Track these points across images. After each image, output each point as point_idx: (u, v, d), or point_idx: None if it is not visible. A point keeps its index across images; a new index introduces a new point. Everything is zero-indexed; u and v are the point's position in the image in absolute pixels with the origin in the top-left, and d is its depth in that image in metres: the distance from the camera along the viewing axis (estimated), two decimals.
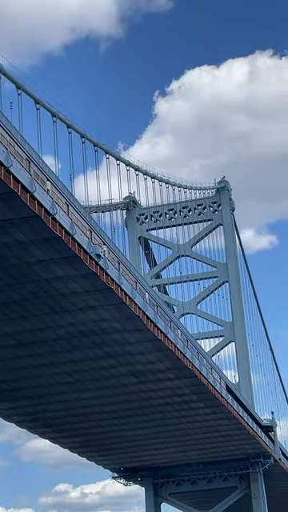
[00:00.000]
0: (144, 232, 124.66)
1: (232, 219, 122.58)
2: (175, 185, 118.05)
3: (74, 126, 75.00)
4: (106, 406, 78.68)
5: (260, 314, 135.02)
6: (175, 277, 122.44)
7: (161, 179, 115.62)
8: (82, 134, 78.74)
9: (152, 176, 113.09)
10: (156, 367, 69.73)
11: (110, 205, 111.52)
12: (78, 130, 78.08)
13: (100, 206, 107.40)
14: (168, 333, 65.62)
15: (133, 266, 62.66)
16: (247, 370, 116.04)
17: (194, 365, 72.64)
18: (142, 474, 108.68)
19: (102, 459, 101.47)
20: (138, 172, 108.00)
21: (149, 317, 60.81)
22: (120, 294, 55.13)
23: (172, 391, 76.51)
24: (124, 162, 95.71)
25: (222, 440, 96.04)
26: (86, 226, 52.38)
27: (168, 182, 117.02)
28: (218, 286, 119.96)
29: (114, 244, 58.87)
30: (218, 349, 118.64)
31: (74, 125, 74.53)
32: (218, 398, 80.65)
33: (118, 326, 60.06)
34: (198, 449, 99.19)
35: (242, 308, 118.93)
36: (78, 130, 77.86)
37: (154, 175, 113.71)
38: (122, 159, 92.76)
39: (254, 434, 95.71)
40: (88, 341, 62.27)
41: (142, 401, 78.15)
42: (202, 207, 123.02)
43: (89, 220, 53.45)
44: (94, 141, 76.69)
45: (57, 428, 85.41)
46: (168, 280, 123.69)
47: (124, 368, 69.15)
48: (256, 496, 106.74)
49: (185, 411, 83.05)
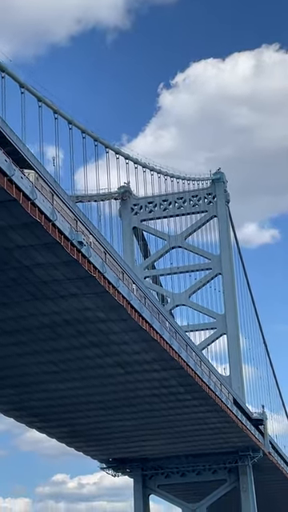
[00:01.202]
0: (138, 222, 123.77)
1: (227, 211, 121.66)
2: (168, 175, 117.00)
3: (61, 111, 74.42)
4: (93, 396, 78.10)
5: (254, 307, 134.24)
6: (168, 268, 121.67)
7: (154, 169, 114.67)
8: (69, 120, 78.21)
9: (144, 165, 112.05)
10: (142, 358, 69.10)
11: (103, 194, 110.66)
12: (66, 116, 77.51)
13: (93, 195, 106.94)
14: (154, 323, 64.93)
15: (120, 256, 61.89)
16: (239, 362, 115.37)
17: (180, 356, 71.99)
18: (130, 466, 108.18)
19: (90, 450, 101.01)
20: (131, 162, 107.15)
21: (133, 306, 60.09)
22: (103, 282, 54.41)
23: (159, 382, 75.88)
24: (116, 150, 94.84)
25: (211, 432, 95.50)
26: (71, 215, 51.71)
27: (160, 172, 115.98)
28: (212, 278, 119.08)
29: (99, 233, 58.12)
30: (209, 341, 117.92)
31: (61, 111, 73.98)
32: (205, 390, 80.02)
33: (103, 316, 59.38)
34: (187, 441, 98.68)
35: (234, 301, 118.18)
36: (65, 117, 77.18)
37: (148, 165, 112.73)
38: (114, 148, 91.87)
39: (243, 427, 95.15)
40: (72, 329, 61.61)
41: (129, 391, 77.54)
42: (197, 198, 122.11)
43: (73, 208, 52.71)
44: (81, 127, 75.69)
45: (43, 418, 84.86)
46: (161, 271, 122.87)
47: (110, 358, 68.52)
48: (245, 489, 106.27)
49: (172, 403, 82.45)
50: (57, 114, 64.58)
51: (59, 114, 65.44)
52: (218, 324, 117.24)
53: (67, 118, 69.43)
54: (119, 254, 61.52)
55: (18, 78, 61.20)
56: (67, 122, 70.03)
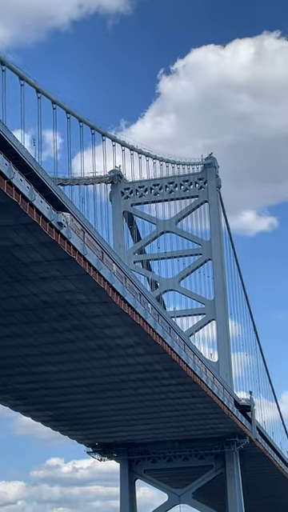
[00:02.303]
0: (129, 207, 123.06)
1: (218, 196, 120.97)
2: (157, 158, 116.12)
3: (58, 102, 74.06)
4: (77, 380, 77.56)
5: (245, 294, 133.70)
6: (159, 253, 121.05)
7: (142, 152, 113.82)
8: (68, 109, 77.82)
9: (131, 148, 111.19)
10: (125, 342, 68.46)
11: (93, 177, 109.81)
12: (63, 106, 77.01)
13: (83, 178, 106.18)
14: (137, 307, 64.26)
15: (100, 235, 61.04)
16: (227, 349, 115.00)
17: (165, 341, 71.38)
18: (117, 450, 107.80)
19: (75, 434, 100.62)
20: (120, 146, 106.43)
21: (115, 289, 59.39)
22: (83, 264, 53.69)
23: (143, 367, 75.28)
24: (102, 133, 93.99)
25: (197, 418, 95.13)
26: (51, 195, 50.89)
27: (149, 155, 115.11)
28: (202, 263, 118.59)
29: (80, 213, 57.27)
30: (198, 327, 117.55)
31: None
32: (190, 376, 79.49)
33: (84, 298, 58.66)
34: (174, 426, 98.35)
35: (224, 286, 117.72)
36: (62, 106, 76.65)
37: (136, 148, 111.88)
38: (100, 131, 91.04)
39: (229, 413, 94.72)
40: (54, 312, 60.92)
41: (113, 376, 77.00)
42: (188, 183, 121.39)
43: (54, 187, 51.87)
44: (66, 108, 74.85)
45: (27, 401, 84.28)
46: (151, 256, 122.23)
47: (93, 342, 67.88)
48: (231, 475, 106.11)
49: (157, 388, 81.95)
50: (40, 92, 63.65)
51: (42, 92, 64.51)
52: (207, 310, 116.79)
53: (51, 98, 68.61)
54: (99, 233, 60.41)
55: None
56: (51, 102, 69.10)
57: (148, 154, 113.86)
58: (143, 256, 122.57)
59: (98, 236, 59.66)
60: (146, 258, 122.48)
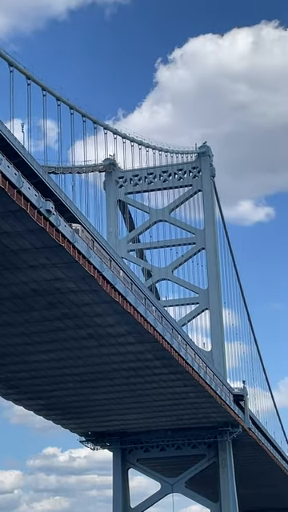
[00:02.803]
0: (122, 195, 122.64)
1: (212, 185, 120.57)
2: (150, 146, 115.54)
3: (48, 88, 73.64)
4: (68, 369, 77.31)
5: (239, 283, 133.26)
6: (152, 242, 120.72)
7: (134, 140, 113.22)
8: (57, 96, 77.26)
9: (124, 136, 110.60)
10: (115, 330, 68.17)
11: (87, 166, 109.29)
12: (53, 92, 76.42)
13: (76, 166, 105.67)
14: (127, 295, 63.96)
15: (89, 222, 60.64)
16: (221, 338, 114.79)
17: (156, 329, 71.11)
18: (110, 439, 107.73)
19: (68, 423, 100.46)
20: (115, 135, 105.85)
21: (105, 277, 59.06)
22: (72, 252, 53.35)
23: (134, 356, 75.03)
24: (93, 120, 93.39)
25: (190, 407, 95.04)
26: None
27: (142, 144, 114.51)
28: (195, 252, 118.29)
29: (70, 200, 56.88)
30: (192, 316, 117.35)
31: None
32: (182, 365, 79.28)
33: (73, 286, 58.32)
34: (166, 415, 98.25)
35: (218, 276, 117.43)
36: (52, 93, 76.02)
37: (128, 136, 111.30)
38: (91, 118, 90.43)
39: (222, 402, 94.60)
40: (43, 301, 60.60)
41: (105, 365, 76.75)
42: (182, 172, 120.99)
43: (43, 175, 51.50)
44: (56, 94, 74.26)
45: (19, 390, 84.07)
46: (145, 245, 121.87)
47: (83, 330, 67.59)
48: (224, 465, 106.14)
49: (149, 377, 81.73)
50: (30, 79, 63.11)
51: (32, 79, 63.94)
52: (200, 299, 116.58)
53: (40, 85, 68.07)
54: (89, 220, 60.01)
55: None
56: (41, 89, 68.55)
57: (141, 143, 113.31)
58: (137, 245, 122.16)
59: (88, 224, 59.26)
60: (139, 247, 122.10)
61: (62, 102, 73.96)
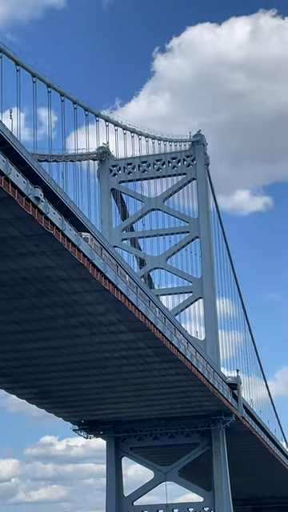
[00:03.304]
0: (116, 184, 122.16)
1: (206, 174, 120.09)
2: (142, 134, 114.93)
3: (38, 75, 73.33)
4: (60, 357, 77.10)
5: (233, 272, 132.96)
6: (146, 231, 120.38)
7: (126, 127, 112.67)
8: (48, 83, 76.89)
9: (116, 124, 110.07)
10: (107, 319, 67.97)
11: (80, 154, 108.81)
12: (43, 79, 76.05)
13: (69, 155, 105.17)
14: (118, 283, 63.70)
15: (81, 211, 60.27)
16: (214, 327, 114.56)
17: (147, 318, 70.88)
18: (103, 428, 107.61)
19: (60, 411, 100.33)
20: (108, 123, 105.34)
21: (95, 265, 58.77)
22: (61, 240, 53.04)
23: (126, 344, 74.85)
24: (90, 110, 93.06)
25: (183, 396, 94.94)
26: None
27: (134, 131, 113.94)
28: (189, 241, 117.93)
29: (60, 188, 56.44)
30: (186, 305, 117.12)
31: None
32: (174, 353, 79.09)
33: (64, 274, 58.10)
34: (159, 404, 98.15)
35: (212, 264, 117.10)
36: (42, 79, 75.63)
37: (125, 126, 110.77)
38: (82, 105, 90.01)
39: (215, 391, 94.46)
40: (34, 288, 60.36)
41: (96, 353, 76.58)
42: (176, 161, 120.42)
43: (31, 161, 51.07)
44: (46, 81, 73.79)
45: (11, 378, 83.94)
46: (139, 234, 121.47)
47: (74, 319, 67.40)
48: (217, 453, 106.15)
49: (141, 365, 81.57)
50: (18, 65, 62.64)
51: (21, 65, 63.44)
52: (194, 288, 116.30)
53: (30, 71, 67.61)
54: (78, 207, 59.62)
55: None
56: (31, 76, 68.11)
57: (133, 131, 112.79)
58: (130, 234, 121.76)
59: (78, 211, 58.85)
60: (133, 236, 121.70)
61: (52, 88, 73.48)
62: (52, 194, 53.32)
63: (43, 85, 73.53)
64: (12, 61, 61.76)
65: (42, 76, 70.19)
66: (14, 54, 61.47)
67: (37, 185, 50.00)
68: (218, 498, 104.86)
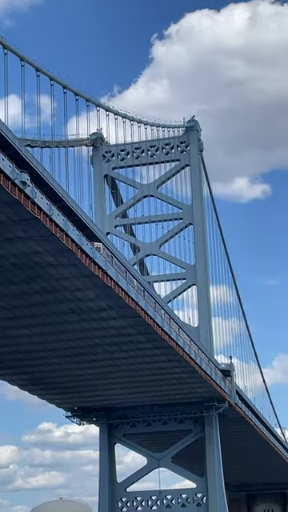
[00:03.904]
0: (110, 170, 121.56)
1: (200, 160, 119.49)
2: (137, 121, 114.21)
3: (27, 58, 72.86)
4: (51, 344, 76.87)
5: (227, 259, 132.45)
6: (140, 217, 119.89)
7: (124, 115, 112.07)
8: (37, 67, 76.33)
9: (107, 109, 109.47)
10: (97, 305, 67.67)
11: (73, 140, 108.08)
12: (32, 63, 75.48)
13: (61, 141, 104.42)
14: (108, 269, 63.36)
15: (70, 196, 59.77)
16: (208, 313, 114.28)
17: (138, 304, 70.59)
18: (96, 414, 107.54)
19: (53, 398, 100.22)
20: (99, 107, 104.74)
21: (84, 251, 58.40)
22: (49, 225, 52.65)
23: (116, 331, 74.61)
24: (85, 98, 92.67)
25: (175, 382, 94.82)
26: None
27: (126, 116, 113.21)
28: (182, 227, 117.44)
29: (48, 173, 55.93)
30: (179, 291, 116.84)
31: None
32: (165, 340, 78.86)
33: (52, 260, 57.77)
34: (152, 391, 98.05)
35: (205, 251, 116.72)
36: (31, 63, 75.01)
37: (116, 111, 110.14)
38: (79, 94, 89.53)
39: (207, 377, 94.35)
40: (23, 274, 60.04)
41: (87, 340, 76.35)
42: (170, 147, 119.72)
43: (18, 146, 50.58)
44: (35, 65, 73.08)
45: (3, 365, 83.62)
46: (132, 220, 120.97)
47: (64, 305, 67.11)
48: (210, 439, 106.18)
49: (133, 352, 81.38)
50: (6, 49, 61.96)
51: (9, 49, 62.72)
52: (187, 274, 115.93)
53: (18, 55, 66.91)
54: (69, 195, 59.15)
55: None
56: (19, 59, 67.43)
57: (125, 116, 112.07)
58: (124, 220, 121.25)
59: (67, 196, 58.30)
60: (126, 223, 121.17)
61: (41, 72, 72.81)
62: (40, 179, 52.88)
63: (33, 69, 72.82)
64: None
65: (30, 60, 69.45)
66: (1, 38, 61.01)
67: (23, 169, 49.57)
68: (210, 484, 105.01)
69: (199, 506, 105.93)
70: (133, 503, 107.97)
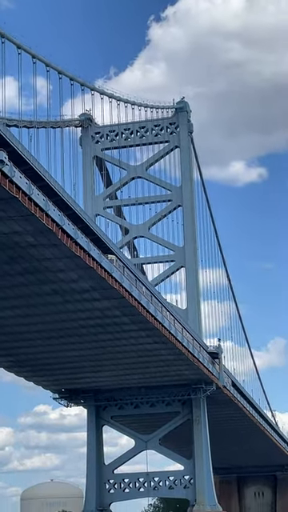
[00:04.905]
0: (99, 151, 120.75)
1: (190, 142, 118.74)
2: (124, 101, 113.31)
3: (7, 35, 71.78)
4: (35, 325, 76.33)
5: (218, 242, 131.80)
6: (129, 199, 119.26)
7: (110, 95, 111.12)
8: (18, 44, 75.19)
9: (96, 91, 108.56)
10: (80, 286, 67.10)
11: (62, 121, 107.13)
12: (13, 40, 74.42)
13: (50, 121, 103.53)
14: (90, 250, 62.76)
15: (52, 176, 59.05)
16: (196, 296, 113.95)
17: (122, 285, 70.04)
18: (83, 396, 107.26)
19: (40, 380, 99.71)
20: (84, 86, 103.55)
21: (65, 231, 57.77)
22: (28, 204, 51.98)
23: (101, 312, 74.08)
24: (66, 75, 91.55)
25: (162, 365, 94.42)
26: None
27: (113, 96, 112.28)
28: (171, 210, 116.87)
29: (27, 151, 55.20)
30: (168, 274, 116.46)
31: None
32: (151, 322, 78.40)
33: (32, 240, 57.16)
34: (139, 373, 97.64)
35: (194, 233, 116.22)
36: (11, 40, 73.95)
37: (102, 90, 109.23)
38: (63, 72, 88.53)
39: (194, 359, 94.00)
40: (4, 255, 59.46)
41: (72, 321, 75.82)
42: (160, 128, 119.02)
43: None
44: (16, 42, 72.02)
45: None
46: (121, 202, 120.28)
47: (47, 286, 66.54)
48: (197, 422, 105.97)
49: (118, 334, 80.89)
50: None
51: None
52: (176, 257, 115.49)
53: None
54: (48, 172, 58.37)
55: None
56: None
57: (111, 96, 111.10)
58: (113, 202, 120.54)
59: (49, 176, 57.55)
60: (115, 204, 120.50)
61: (22, 50, 71.76)
62: (19, 158, 52.20)
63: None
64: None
65: (11, 36, 68.32)
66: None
67: (1, 148, 48.86)
68: (197, 467, 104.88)
69: (187, 489, 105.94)
70: (120, 485, 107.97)
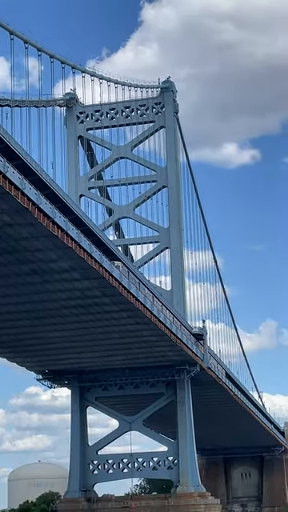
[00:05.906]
0: (84, 131, 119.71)
1: (175, 122, 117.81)
2: (107, 79, 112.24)
3: None
4: (16, 306, 75.87)
5: (204, 224, 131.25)
6: (113, 179, 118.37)
7: (94, 74, 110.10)
8: None
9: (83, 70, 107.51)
10: (59, 266, 66.57)
11: (45, 100, 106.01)
12: None
13: (33, 100, 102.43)
14: (69, 230, 62.11)
15: (28, 154, 58.23)
16: (181, 277, 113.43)
17: (102, 265, 69.46)
18: (67, 378, 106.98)
19: (23, 361, 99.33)
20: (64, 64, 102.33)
21: (42, 209, 57.08)
22: (2, 183, 51.28)
23: (81, 293, 73.59)
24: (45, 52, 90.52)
25: (145, 346, 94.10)
26: None
27: (95, 75, 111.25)
28: (156, 190, 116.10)
29: (4, 130, 54.40)
30: (152, 255, 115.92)
31: None
32: (132, 302, 77.91)
33: (8, 219, 56.51)
34: (122, 354, 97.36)
35: (179, 214, 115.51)
36: None
37: (84, 69, 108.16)
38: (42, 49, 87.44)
39: (177, 340, 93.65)
40: None
41: (52, 302, 75.32)
42: (145, 108, 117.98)
43: None
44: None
45: None
46: (106, 182, 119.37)
47: (26, 266, 66.00)
48: (181, 403, 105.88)
49: (99, 314, 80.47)
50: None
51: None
52: (161, 238, 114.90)
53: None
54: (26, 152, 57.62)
55: None
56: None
57: (93, 74, 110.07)
58: (97, 182, 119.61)
59: (25, 154, 56.77)
60: (99, 185, 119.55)
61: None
62: None
63: None
64: None
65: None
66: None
67: None
68: (181, 447, 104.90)
69: (170, 470, 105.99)
70: (104, 466, 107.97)
